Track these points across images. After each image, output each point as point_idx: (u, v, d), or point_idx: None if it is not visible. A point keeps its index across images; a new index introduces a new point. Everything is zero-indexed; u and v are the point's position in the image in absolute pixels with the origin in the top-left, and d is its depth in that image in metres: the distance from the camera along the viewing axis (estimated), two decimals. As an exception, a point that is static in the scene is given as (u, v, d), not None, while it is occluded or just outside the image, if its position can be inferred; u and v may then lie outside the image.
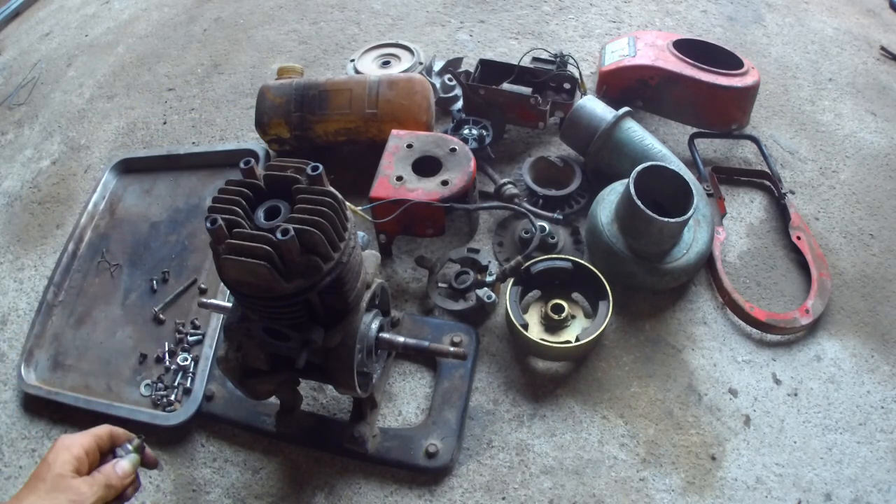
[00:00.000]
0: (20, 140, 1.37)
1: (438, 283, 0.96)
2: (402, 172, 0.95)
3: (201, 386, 0.89)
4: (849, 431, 0.84)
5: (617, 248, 0.90)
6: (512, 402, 0.88)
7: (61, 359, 0.97)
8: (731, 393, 0.87)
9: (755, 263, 1.01)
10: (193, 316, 0.99)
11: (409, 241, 1.05)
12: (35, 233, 1.18)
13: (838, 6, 1.49)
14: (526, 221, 0.99)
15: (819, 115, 1.22)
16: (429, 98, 1.07)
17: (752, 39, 1.38)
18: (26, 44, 1.65)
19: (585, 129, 1.03)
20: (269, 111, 1.08)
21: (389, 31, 1.44)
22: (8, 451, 0.90)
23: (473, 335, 0.91)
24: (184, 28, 1.57)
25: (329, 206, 0.58)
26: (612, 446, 0.83)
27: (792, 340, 0.92)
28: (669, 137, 1.17)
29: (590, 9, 1.46)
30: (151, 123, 1.33)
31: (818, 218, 1.06)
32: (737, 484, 0.80)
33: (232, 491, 0.83)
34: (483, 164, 1.09)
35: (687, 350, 0.91)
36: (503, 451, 0.83)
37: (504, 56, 1.33)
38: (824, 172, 1.13)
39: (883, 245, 1.03)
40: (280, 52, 1.44)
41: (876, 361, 0.90)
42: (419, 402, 0.88)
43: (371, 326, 0.72)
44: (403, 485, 0.82)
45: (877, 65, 1.34)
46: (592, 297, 0.91)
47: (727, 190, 1.09)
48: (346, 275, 0.63)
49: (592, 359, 0.91)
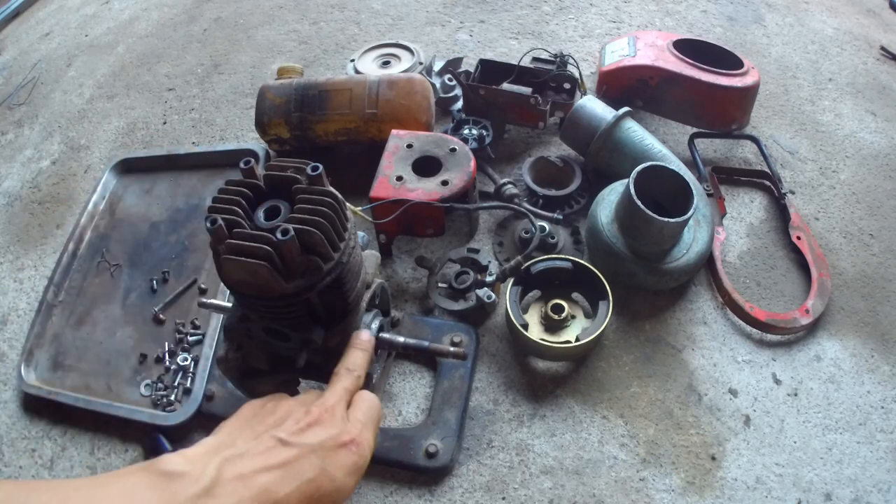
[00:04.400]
0: (20, 140, 1.37)
1: (438, 283, 0.96)
2: (402, 172, 0.95)
3: (201, 386, 0.89)
4: (849, 431, 0.84)
5: (617, 248, 0.90)
6: (512, 402, 0.88)
7: (61, 359, 0.97)
8: (731, 393, 0.87)
9: (755, 263, 1.01)
10: (193, 316, 0.99)
11: (409, 241, 1.05)
12: (35, 233, 1.18)
13: (838, 6, 1.49)
14: (526, 221, 0.99)
15: (819, 115, 1.22)
16: (429, 98, 1.07)
17: (752, 39, 1.38)
18: (26, 44, 1.65)
19: (585, 129, 1.03)
20: (269, 111, 1.08)
21: (389, 31, 1.44)
22: (8, 451, 0.90)
23: (473, 335, 0.91)
24: (184, 28, 1.57)
25: (329, 206, 0.58)
26: (612, 446, 0.83)
27: (792, 340, 0.92)
28: (669, 137, 1.17)
29: (590, 9, 1.46)
30: (151, 123, 1.33)
31: (818, 218, 1.06)
32: (737, 484, 0.80)
33: (232, 491, 0.83)
34: (483, 164, 1.09)
35: (687, 350, 0.91)
36: (503, 451, 0.83)
37: (504, 56, 1.33)
38: (824, 172, 1.13)
39: (883, 245, 1.03)
40: (280, 52, 1.44)
41: (876, 361, 0.90)
42: (419, 402, 0.88)
43: (371, 326, 0.71)
44: (403, 485, 0.82)
45: (877, 65, 1.34)
46: (592, 297, 0.91)
47: (727, 190, 1.09)
48: (346, 275, 0.62)
49: (592, 359, 0.91)
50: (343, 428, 0.52)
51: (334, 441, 0.51)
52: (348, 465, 0.50)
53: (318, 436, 0.50)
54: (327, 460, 0.49)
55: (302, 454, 0.49)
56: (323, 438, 0.50)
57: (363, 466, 0.52)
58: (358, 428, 0.53)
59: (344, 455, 0.50)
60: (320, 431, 0.51)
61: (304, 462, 0.48)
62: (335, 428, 0.51)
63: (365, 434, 0.53)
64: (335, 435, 0.51)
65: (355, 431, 0.52)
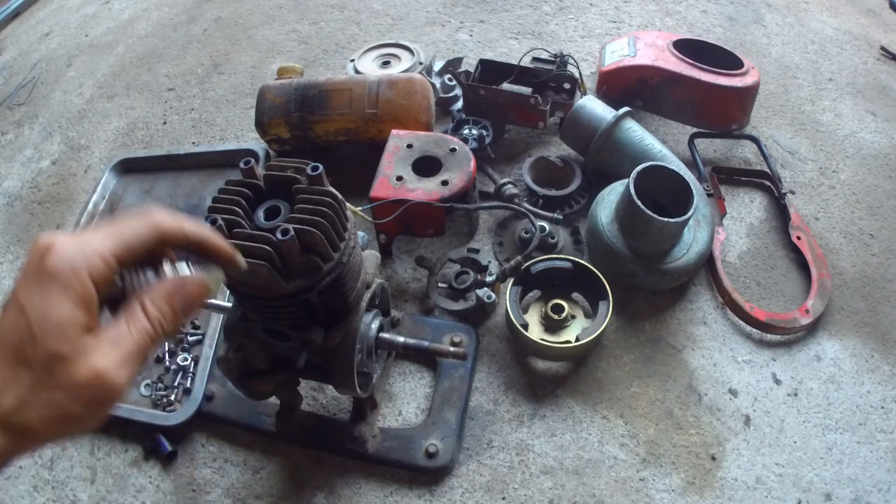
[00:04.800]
0: (20, 140, 1.37)
1: (438, 283, 0.96)
2: (402, 172, 0.95)
3: (201, 386, 0.89)
4: (849, 431, 0.84)
5: (617, 248, 0.90)
6: (512, 402, 0.88)
7: (61, 359, 0.97)
8: (731, 393, 0.87)
9: (755, 263, 1.00)
10: (193, 316, 0.99)
11: (409, 241, 1.05)
12: (35, 233, 1.18)
13: (838, 6, 1.49)
14: (526, 221, 0.99)
15: (819, 115, 1.22)
16: (429, 98, 1.07)
17: (752, 39, 1.38)
18: (26, 44, 1.65)
19: (585, 129, 1.03)
20: (269, 111, 1.08)
21: (389, 31, 1.44)
22: (8, 451, 0.90)
23: (473, 335, 0.91)
24: (184, 28, 1.57)
25: (329, 206, 0.58)
26: (612, 446, 0.83)
27: (792, 340, 0.92)
28: (669, 137, 1.17)
29: (590, 9, 1.46)
30: (151, 123, 1.33)
31: (818, 218, 1.06)
32: (737, 484, 0.80)
33: (232, 491, 0.83)
34: (483, 164, 1.09)
35: (687, 350, 0.91)
36: (503, 451, 0.83)
37: (504, 56, 1.33)
38: (824, 172, 1.13)
39: (883, 245, 1.03)
40: (280, 52, 1.44)
41: (876, 361, 0.90)
42: (419, 402, 0.88)
43: (371, 326, 0.71)
44: (403, 485, 0.82)
45: (877, 65, 1.34)
46: (592, 297, 0.91)
47: (727, 190, 1.09)
48: (346, 275, 0.62)
49: (592, 359, 0.91)
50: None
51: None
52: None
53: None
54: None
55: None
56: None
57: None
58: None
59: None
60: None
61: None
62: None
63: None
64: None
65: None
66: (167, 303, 0.40)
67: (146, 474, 0.85)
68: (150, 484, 0.85)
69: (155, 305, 0.40)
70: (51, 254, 0.37)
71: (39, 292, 0.36)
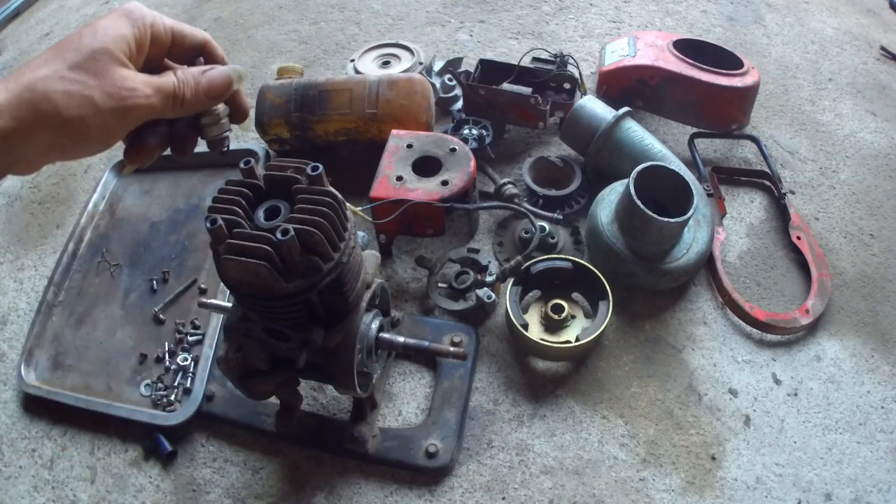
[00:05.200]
0: (20, 140, 1.37)
1: (438, 283, 0.96)
2: (402, 172, 0.95)
3: (201, 386, 0.89)
4: (849, 431, 0.84)
5: (617, 248, 0.90)
6: (512, 402, 0.88)
7: (61, 359, 0.97)
8: (731, 393, 0.87)
9: (755, 263, 1.01)
10: (193, 316, 0.99)
11: (409, 241, 1.05)
12: (35, 233, 1.18)
13: (838, 6, 1.49)
14: (526, 221, 0.99)
15: (819, 115, 1.22)
16: (429, 98, 1.07)
17: (752, 39, 1.38)
18: (26, 44, 1.65)
19: (585, 129, 1.03)
20: (269, 111, 1.08)
21: (389, 31, 1.44)
22: (8, 451, 0.90)
23: (473, 335, 0.91)
24: (184, 28, 1.57)
25: (329, 206, 0.58)
26: (612, 446, 0.83)
27: (792, 340, 0.92)
28: (669, 137, 1.17)
29: (590, 9, 1.46)
30: (151, 123, 1.33)
31: (818, 218, 1.06)
32: (737, 484, 0.80)
33: (232, 491, 0.83)
34: (483, 164, 1.09)
35: (687, 350, 0.91)
36: (503, 451, 0.83)
37: (504, 56, 1.33)
38: (824, 172, 1.13)
39: (883, 245, 1.03)
40: (280, 52, 1.44)
41: (876, 361, 0.90)
42: (419, 402, 0.88)
43: (371, 326, 0.71)
44: (403, 485, 0.82)
45: (877, 65, 1.34)
46: (592, 297, 0.91)
47: (727, 190, 1.09)
48: (346, 275, 0.63)
49: (592, 359, 0.91)
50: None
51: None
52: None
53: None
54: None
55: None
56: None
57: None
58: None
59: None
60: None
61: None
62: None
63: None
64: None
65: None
66: (193, 76, 0.49)
67: (146, 474, 0.85)
68: (150, 484, 0.85)
69: (183, 73, 0.49)
70: (132, 3, 0.47)
71: (113, 18, 0.45)
